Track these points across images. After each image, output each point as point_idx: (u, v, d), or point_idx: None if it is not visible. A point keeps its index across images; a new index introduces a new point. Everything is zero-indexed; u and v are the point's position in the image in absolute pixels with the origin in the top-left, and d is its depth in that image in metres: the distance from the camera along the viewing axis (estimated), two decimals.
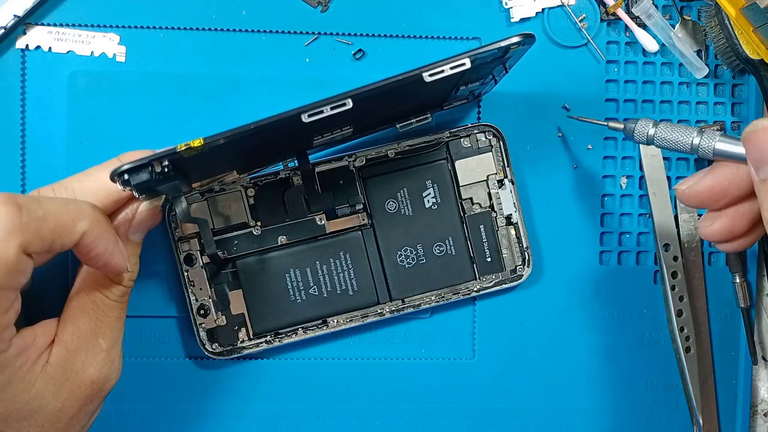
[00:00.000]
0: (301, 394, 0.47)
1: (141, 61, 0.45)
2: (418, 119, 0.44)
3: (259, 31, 0.46)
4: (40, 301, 0.42)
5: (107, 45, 0.45)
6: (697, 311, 0.49)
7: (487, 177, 0.47)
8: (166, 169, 0.34)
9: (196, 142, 0.34)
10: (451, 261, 0.46)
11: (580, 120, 0.45)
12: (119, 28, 0.45)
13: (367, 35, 0.47)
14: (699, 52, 0.49)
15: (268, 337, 0.45)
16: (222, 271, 0.45)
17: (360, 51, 0.46)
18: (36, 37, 0.45)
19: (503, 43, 0.36)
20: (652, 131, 0.38)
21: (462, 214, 0.46)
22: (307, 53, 0.46)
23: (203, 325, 0.45)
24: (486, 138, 0.46)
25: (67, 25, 0.45)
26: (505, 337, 0.48)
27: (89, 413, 0.39)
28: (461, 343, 0.48)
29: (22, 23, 0.44)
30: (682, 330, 0.48)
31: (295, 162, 0.43)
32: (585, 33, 0.47)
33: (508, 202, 0.47)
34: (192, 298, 0.45)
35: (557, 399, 0.48)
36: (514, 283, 0.47)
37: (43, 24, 0.45)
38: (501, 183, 0.47)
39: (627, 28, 0.48)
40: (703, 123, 0.48)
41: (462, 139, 0.46)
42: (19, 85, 0.45)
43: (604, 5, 0.48)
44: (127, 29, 0.45)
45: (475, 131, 0.46)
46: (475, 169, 0.47)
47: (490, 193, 0.47)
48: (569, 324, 0.48)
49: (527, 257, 0.47)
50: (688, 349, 0.48)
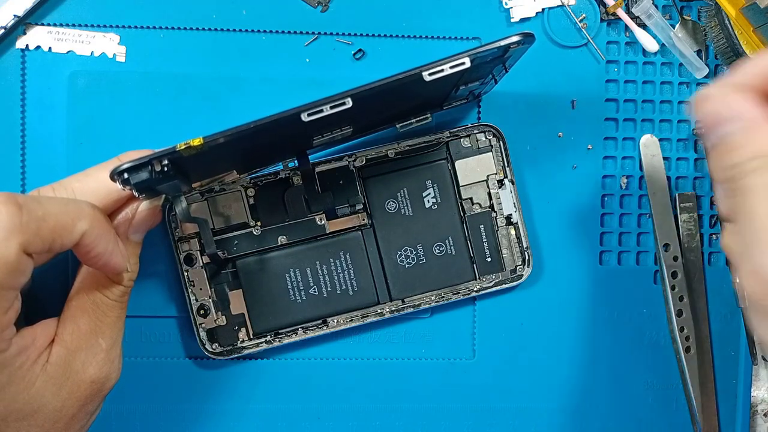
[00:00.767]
0: (301, 394, 0.47)
1: (141, 61, 0.45)
2: (418, 119, 0.44)
3: (259, 31, 0.46)
4: (40, 300, 0.42)
5: (107, 45, 0.45)
6: (697, 311, 0.49)
7: (487, 177, 0.47)
8: (166, 169, 0.34)
9: (196, 142, 0.34)
10: (451, 261, 0.46)
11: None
12: (119, 28, 0.45)
13: (367, 35, 0.47)
14: (699, 52, 0.49)
15: (268, 337, 0.45)
16: (222, 271, 0.45)
17: (360, 51, 0.46)
18: (36, 37, 0.45)
19: (503, 43, 0.36)
20: None
21: (462, 214, 0.46)
22: (307, 53, 0.46)
23: (203, 325, 0.45)
24: (486, 138, 0.46)
25: (67, 25, 0.45)
26: (505, 337, 0.48)
27: (89, 413, 0.39)
28: (461, 343, 0.48)
29: (22, 23, 0.44)
30: (682, 330, 0.48)
31: (295, 162, 0.43)
32: (585, 33, 0.47)
33: (508, 202, 0.47)
34: (192, 298, 0.45)
35: (557, 399, 0.48)
36: (514, 283, 0.47)
37: (43, 24, 0.45)
38: (501, 183, 0.47)
39: (627, 28, 0.48)
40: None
41: (462, 139, 0.46)
42: (19, 85, 0.45)
43: (604, 5, 0.48)
44: (127, 29, 0.45)
45: (475, 131, 0.46)
46: (475, 169, 0.47)
47: (490, 193, 0.47)
48: (569, 324, 0.48)
49: (527, 257, 0.47)
50: (688, 349, 0.48)
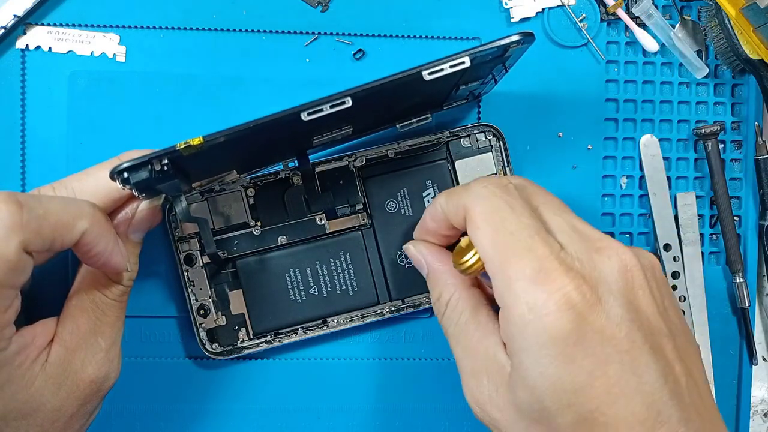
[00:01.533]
0: (301, 394, 0.47)
1: (141, 61, 0.45)
2: (418, 119, 0.44)
3: (259, 31, 0.46)
4: (40, 300, 0.42)
5: (107, 45, 0.45)
6: (698, 311, 0.48)
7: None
8: (166, 168, 0.34)
9: (196, 141, 0.34)
10: None
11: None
12: (119, 28, 0.45)
13: (367, 35, 0.47)
14: (699, 52, 0.49)
15: (268, 337, 0.45)
16: (222, 271, 0.45)
17: (360, 51, 0.46)
18: (36, 37, 0.45)
19: (503, 42, 0.36)
20: None
21: None
22: (307, 53, 0.46)
23: (203, 325, 0.45)
24: (486, 138, 0.46)
25: (67, 25, 0.45)
26: None
27: (88, 412, 0.39)
28: None
29: (22, 23, 0.45)
30: None
31: (295, 162, 0.43)
32: (585, 33, 0.47)
33: None
34: (192, 298, 0.45)
35: None
36: None
37: (43, 24, 0.45)
38: None
39: (627, 28, 0.48)
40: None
41: (462, 139, 0.46)
42: (19, 85, 0.45)
43: (604, 5, 0.48)
44: (127, 29, 0.45)
45: (475, 131, 0.46)
46: (475, 169, 0.47)
47: None
48: None
49: None
50: None
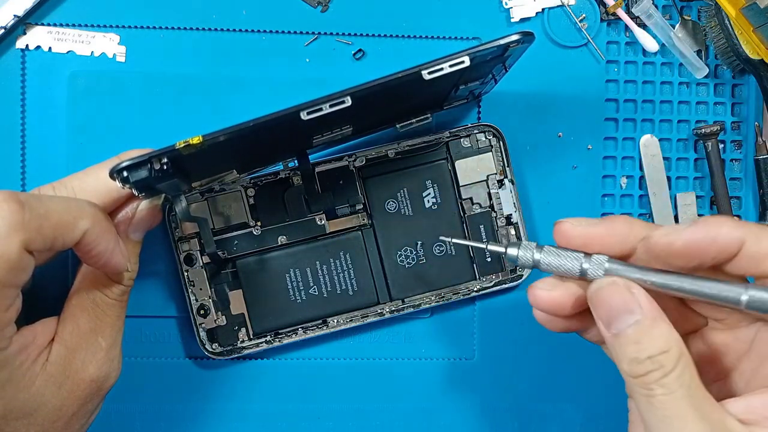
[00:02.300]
0: (301, 394, 0.47)
1: (141, 61, 0.45)
2: (418, 119, 0.44)
3: (259, 31, 0.46)
4: (41, 299, 0.42)
5: (107, 45, 0.45)
6: None
7: (487, 177, 0.47)
8: (166, 167, 0.34)
9: (195, 140, 0.34)
10: (451, 261, 0.46)
11: (455, 243, 0.45)
12: (119, 28, 0.45)
13: (367, 35, 0.47)
14: (699, 52, 0.49)
15: (268, 337, 0.45)
16: (222, 271, 0.45)
17: (360, 51, 0.46)
18: (36, 37, 0.45)
19: (502, 41, 0.36)
20: (537, 256, 0.34)
21: (462, 214, 0.46)
22: (307, 53, 0.46)
23: (203, 325, 0.45)
24: (486, 138, 0.46)
25: (67, 25, 0.45)
26: (505, 337, 0.48)
27: (89, 412, 0.39)
28: (461, 343, 0.48)
29: (22, 23, 0.45)
30: None
31: (295, 162, 0.43)
32: (585, 33, 0.47)
33: (508, 202, 0.47)
34: (192, 298, 0.45)
35: (557, 399, 0.48)
36: (514, 283, 0.46)
37: (43, 24, 0.45)
38: (501, 183, 0.47)
39: (627, 28, 0.48)
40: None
41: (462, 139, 0.46)
42: (19, 85, 0.45)
43: (604, 5, 0.48)
44: (127, 29, 0.45)
45: (475, 131, 0.46)
46: (475, 169, 0.47)
47: (490, 193, 0.47)
48: None
49: None
50: None
